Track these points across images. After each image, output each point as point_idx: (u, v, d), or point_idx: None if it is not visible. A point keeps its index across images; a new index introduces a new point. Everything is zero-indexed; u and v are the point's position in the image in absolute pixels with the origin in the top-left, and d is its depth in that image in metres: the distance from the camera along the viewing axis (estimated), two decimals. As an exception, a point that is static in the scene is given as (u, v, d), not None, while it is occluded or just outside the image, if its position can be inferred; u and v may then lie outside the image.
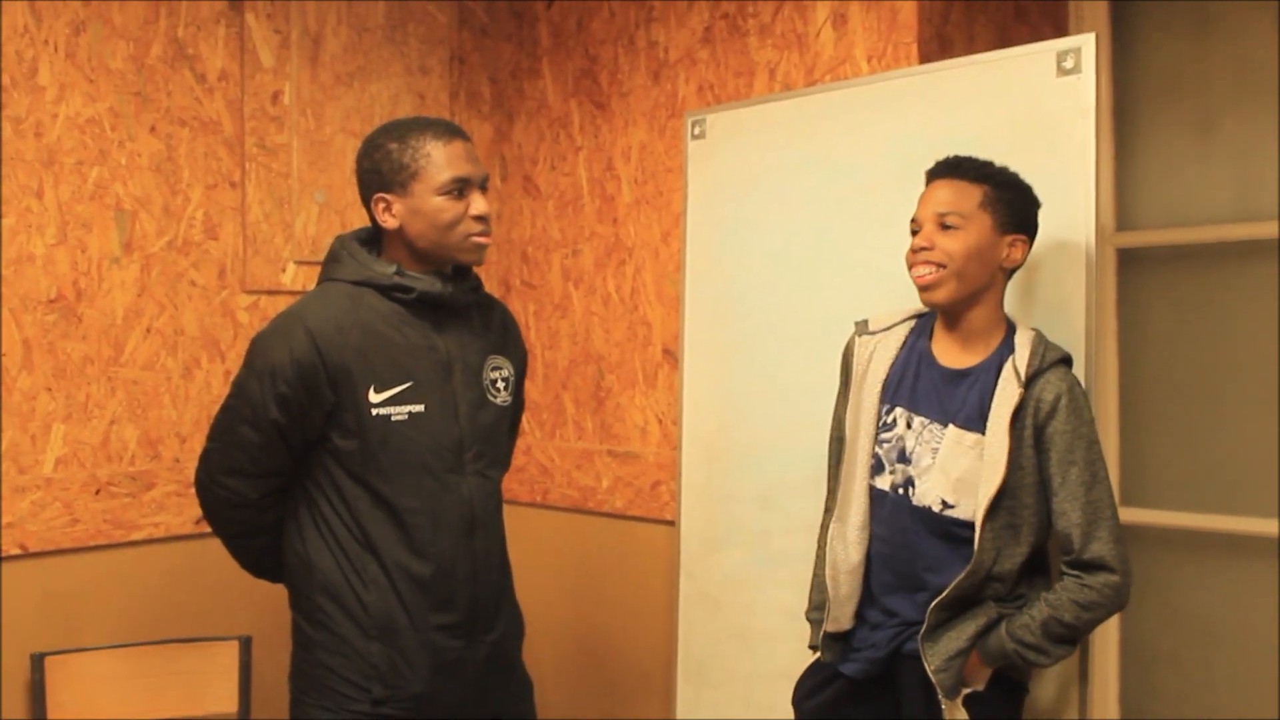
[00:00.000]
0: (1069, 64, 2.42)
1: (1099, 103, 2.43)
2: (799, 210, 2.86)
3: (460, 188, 2.31)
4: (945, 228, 2.19)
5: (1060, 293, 2.40)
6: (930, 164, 2.28)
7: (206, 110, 3.21)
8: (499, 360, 2.49)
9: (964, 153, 2.27)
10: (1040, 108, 2.46)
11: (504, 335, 2.56)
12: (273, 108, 3.32)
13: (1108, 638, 3.04)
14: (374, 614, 2.30)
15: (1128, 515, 3.01)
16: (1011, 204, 2.20)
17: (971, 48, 2.89)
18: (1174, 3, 3.00)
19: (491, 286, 3.83)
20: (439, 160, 2.30)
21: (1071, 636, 2.13)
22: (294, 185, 3.36)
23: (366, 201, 2.37)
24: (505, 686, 2.48)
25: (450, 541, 2.35)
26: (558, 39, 3.64)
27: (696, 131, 3.09)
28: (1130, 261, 3.06)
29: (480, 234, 2.35)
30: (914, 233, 2.24)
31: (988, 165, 2.23)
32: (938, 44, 2.85)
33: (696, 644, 3.06)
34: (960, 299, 2.20)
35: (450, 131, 2.35)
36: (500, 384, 2.47)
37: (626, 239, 3.46)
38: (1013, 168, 2.26)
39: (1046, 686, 2.40)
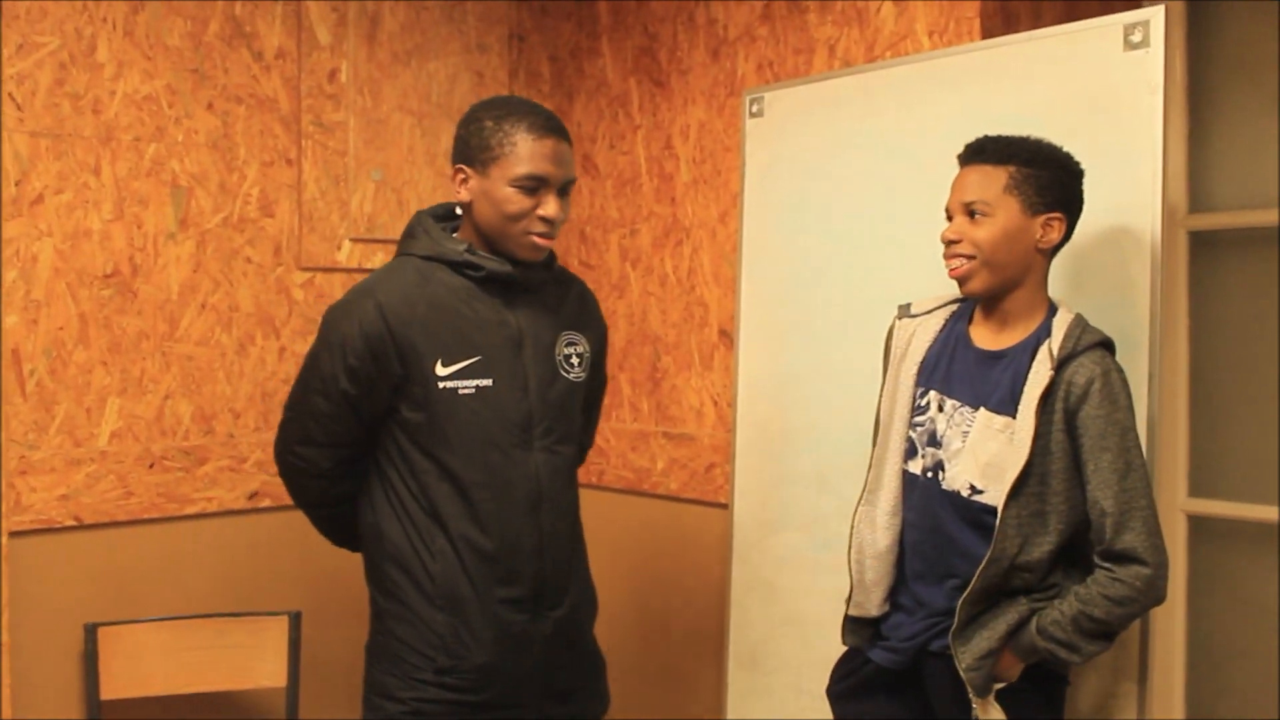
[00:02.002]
0: (1137, 38, 2.33)
1: (1170, 78, 2.35)
2: (858, 190, 2.80)
3: (536, 185, 2.29)
4: (973, 215, 2.12)
5: (1125, 277, 2.32)
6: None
7: (263, 88, 3.21)
8: (574, 335, 2.48)
9: (1027, 130, 2.19)
10: (1107, 83, 2.37)
11: (580, 311, 2.54)
12: (329, 85, 3.32)
13: (1173, 633, 2.95)
14: (440, 584, 2.32)
15: (1198, 506, 2.92)
16: (1041, 181, 2.11)
17: (1037, 22, 2.80)
18: (1252, -24, 2.89)
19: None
20: (523, 153, 2.28)
21: (1104, 632, 2.05)
22: (350, 163, 3.35)
23: (453, 168, 2.38)
24: (573, 663, 2.48)
25: (515, 516, 2.35)
26: (617, 17, 3.60)
27: (755, 110, 3.04)
28: (1203, 245, 2.95)
29: (541, 234, 2.32)
30: (949, 221, 2.18)
31: (1014, 143, 2.15)
32: (1001, 19, 2.77)
33: (750, 629, 3.01)
34: (995, 286, 2.14)
35: (547, 128, 2.31)
36: (575, 359, 2.46)
37: (684, 219, 3.42)
38: (1075, 145, 2.19)
39: (1098, 680, 2.32)
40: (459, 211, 2.42)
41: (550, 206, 2.30)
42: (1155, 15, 2.31)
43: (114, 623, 2.92)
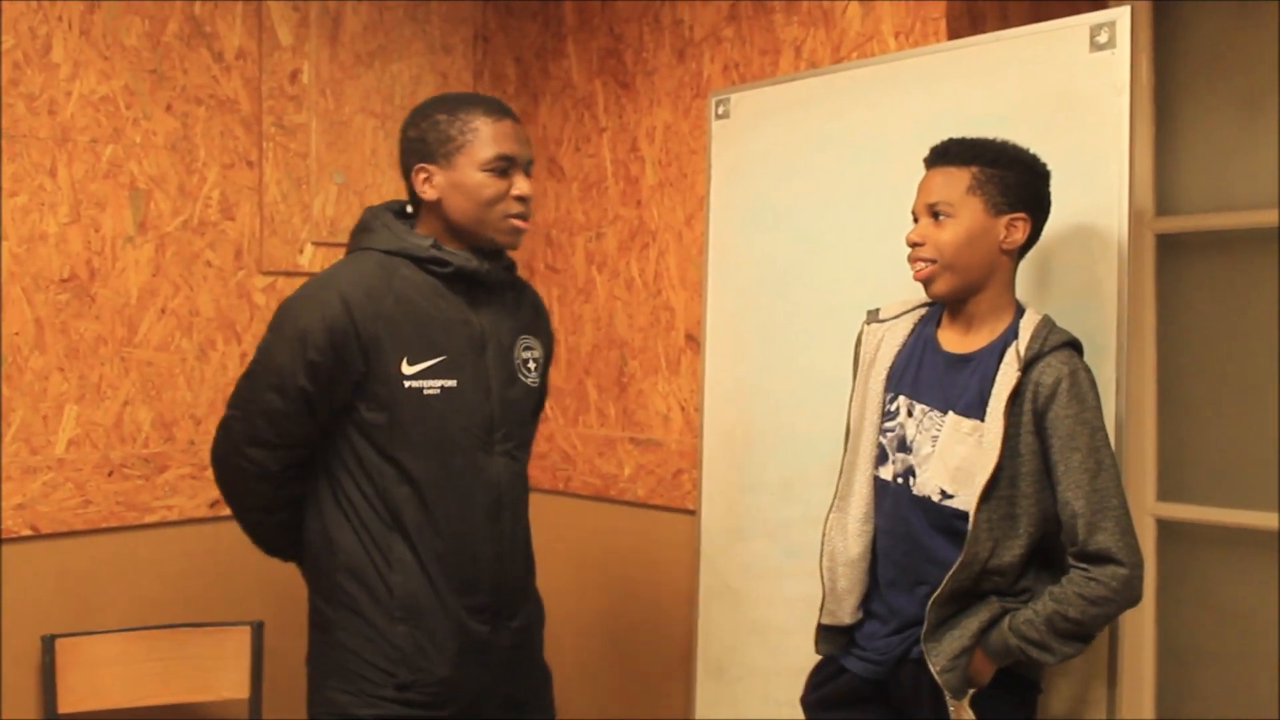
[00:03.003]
0: (1103, 39, 2.32)
1: (1137, 80, 2.34)
2: (825, 192, 2.78)
3: (505, 166, 2.27)
4: (937, 216, 2.11)
5: (1091, 279, 2.31)
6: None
7: (223, 89, 3.16)
8: (530, 340, 2.45)
9: (994, 131, 2.18)
10: (1073, 85, 2.36)
11: (535, 317, 2.52)
12: (291, 87, 3.27)
13: (1143, 636, 2.94)
14: (399, 595, 2.25)
15: (1166, 511, 2.92)
16: (1005, 181, 2.10)
17: (1004, 23, 2.79)
18: (1218, -23, 2.89)
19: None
20: (486, 136, 2.27)
21: (1079, 633, 2.03)
22: (312, 165, 3.31)
23: (407, 170, 2.32)
24: (528, 674, 2.44)
25: (477, 522, 2.30)
26: (582, 17, 3.57)
27: (720, 111, 3.01)
28: (1171, 248, 2.95)
29: (518, 215, 2.30)
30: (915, 224, 2.18)
31: (978, 144, 2.14)
32: (968, 20, 2.76)
33: (716, 637, 2.99)
34: (959, 289, 2.14)
35: (501, 110, 2.32)
36: (531, 364, 2.43)
37: (650, 222, 3.39)
38: (1041, 147, 2.18)
39: (1069, 685, 2.31)
40: (409, 210, 2.38)
41: (523, 184, 2.30)
42: (1121, 16, 2.30)
43: (72, 634, 2.87)
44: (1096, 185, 2.30)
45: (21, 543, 2.86)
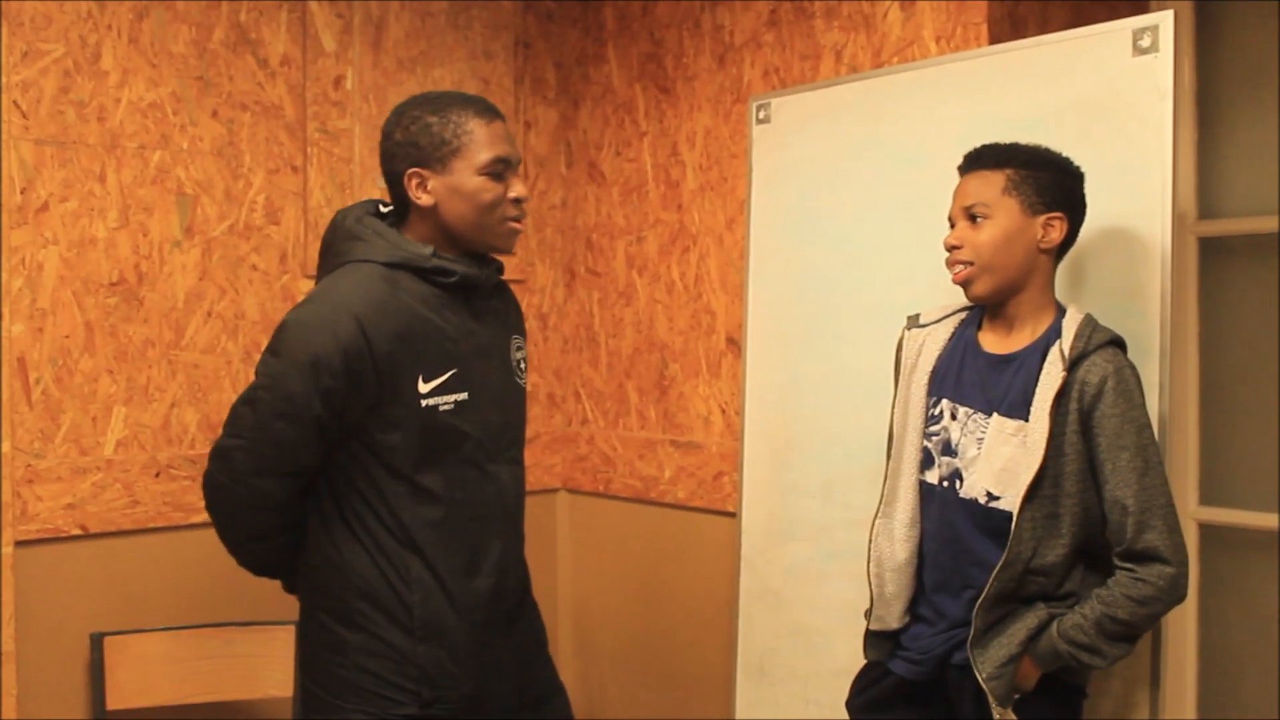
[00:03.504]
0: (1145, 42, 2.31)
1: (1179, 83, 2.34)
2: (865, 196, 2.78)
3: (501, 169, 2.21)
4: (974, 220, 2.12)
5: (1134, 283, 2.31)
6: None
7: (268, 95, 3.20)
8: (519, 339, 2.41)
9: (1035, 136, 2.19)
10: (1115, 89, 2.36)
11: (518, 316, 2.47)
12: (335, 93, 3.31)
13: (1185, 639, 2.93)
14: (420, 616, 2.19)
15: (1209, 515, 2.91)
16: (1040, 182, 2.11)
17: (1045, 28, 2.79)
18: (1262, -20, 2.88)
19: (556, 274, 3.80)
20: (482, 138, 2.19)
21: (1128, 634, 2.03)
22: (355, 170, 3.34)
23: (396, 175, 2.22)
24: (542, 669, 2.44)
25: (491, 533, 2.28)
26: (623, 23, 3.59)
27: (761, 116, 3.02)
28: (1213, 251, 2.94)
29: (515, 219, 2.25)
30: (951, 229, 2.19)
31: (1011, 148, 2.15)
32: (1009, 24, 2.76)
33: (757, 639, 3.00)
34: (998, 290, 2.14)
35: (491, 110, 2.24)
36: (522, 364, 2.40)
37: (691, 226, 3.41)
38: (1083, 151, 2.19)
39: (1112, 689, 2.30)
40: (383, 210, 2.30)
41: (519, 186, 2.23)
42: (1164, 20, 2.29)
43: (120, 632, 2.91)
44: (1139, 189, 2.29)
45: (71, 542, 2.90)
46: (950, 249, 2.17)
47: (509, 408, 2.34)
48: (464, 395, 2.22)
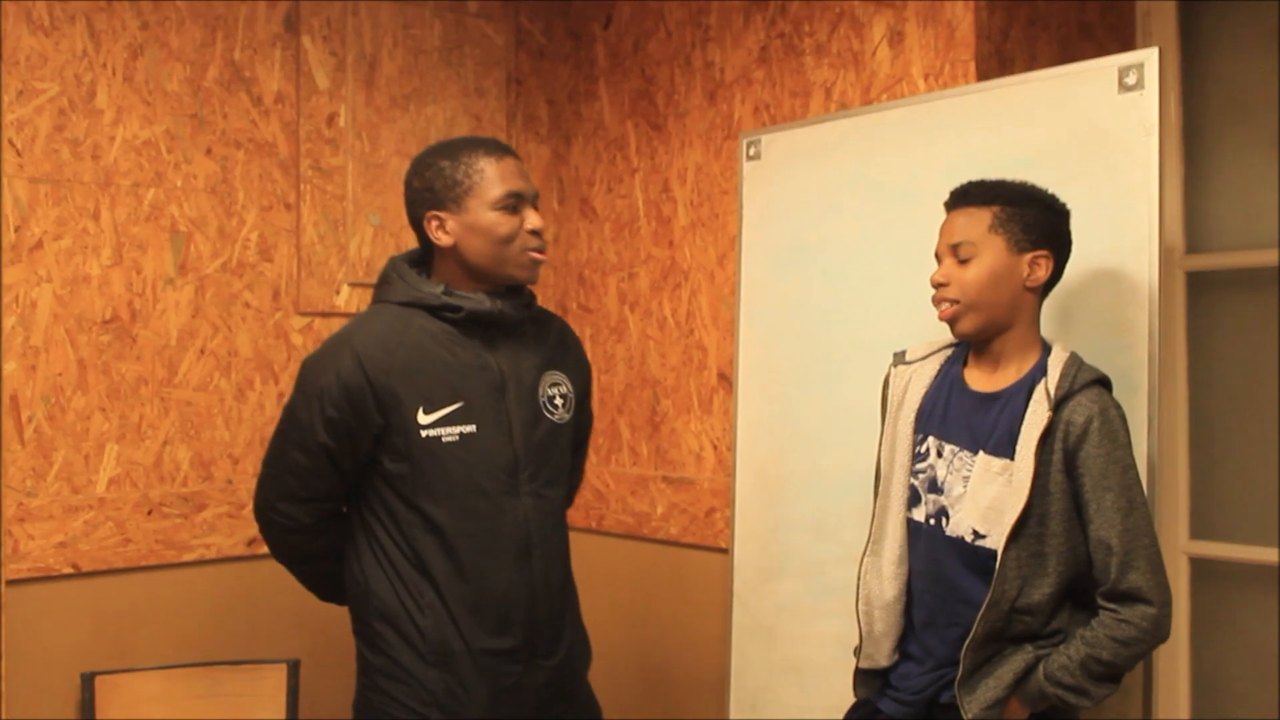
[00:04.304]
0: (1131, 80, 2.34)
1: (1166, 120, 2.36)
2: (855, 232, 2.80)
3: (514, 203, 2.31)
4: (961, 259, 2.13)
5: (1122, 317, 2.32)
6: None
7: (262, 132, 3.22)
8: (557, 376, 2.46)
9: (1023, 172, 2.20)
10: (1102, 125, 2.38)
11: (562, 350, 2.52)
12: (328, 130, 3.33)
13: (1177, 675, 2.93)
14: (430, 640, 2.28)
15: (1200, 549, 2.91)
16: (1026, 219, 2.12)
17: (1033, 65, 2.82)
18: (1246, 16, 2.90)
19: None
20: (492, 175, 2.31)
21: (1112, 674, 2.03)
22: (349, 207, 3.36)
23: (417, 220, 2.35)
24: (568, 712, 2.44)
25: (505, 565, 2.32)
26: (614, 60, 3.62)
27: (752, 152, 3.04)
28: (1201, 285, 2.96)
29: (536, 249, 2.34)
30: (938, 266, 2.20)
31: (997, 185, 2.16)
32: (997, 61, 2.78)
33: (750, 675, 2.99)
34: (984, 327, 2.14)
35: (501, 149, 2.36)
36: (559, 400, 2.44)
37: (682, 262, 3.42)
38: (1071, 187, 2.20)
39: (1105, 726, 2.30)
40: (433, 255, 2.40)
41: (534, 218, 2.33)
42: (1149, 57, 2.32)
43: (111, 671, 2.90)
44: (1126, 224, 2.31)
45: (63, 581, 2.90)
46: (936, 286, 2.18)
47: (531, 443, 2.37)
48: (471, 428, 2.30)
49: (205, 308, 3.12)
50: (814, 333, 2.89)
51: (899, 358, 2.36)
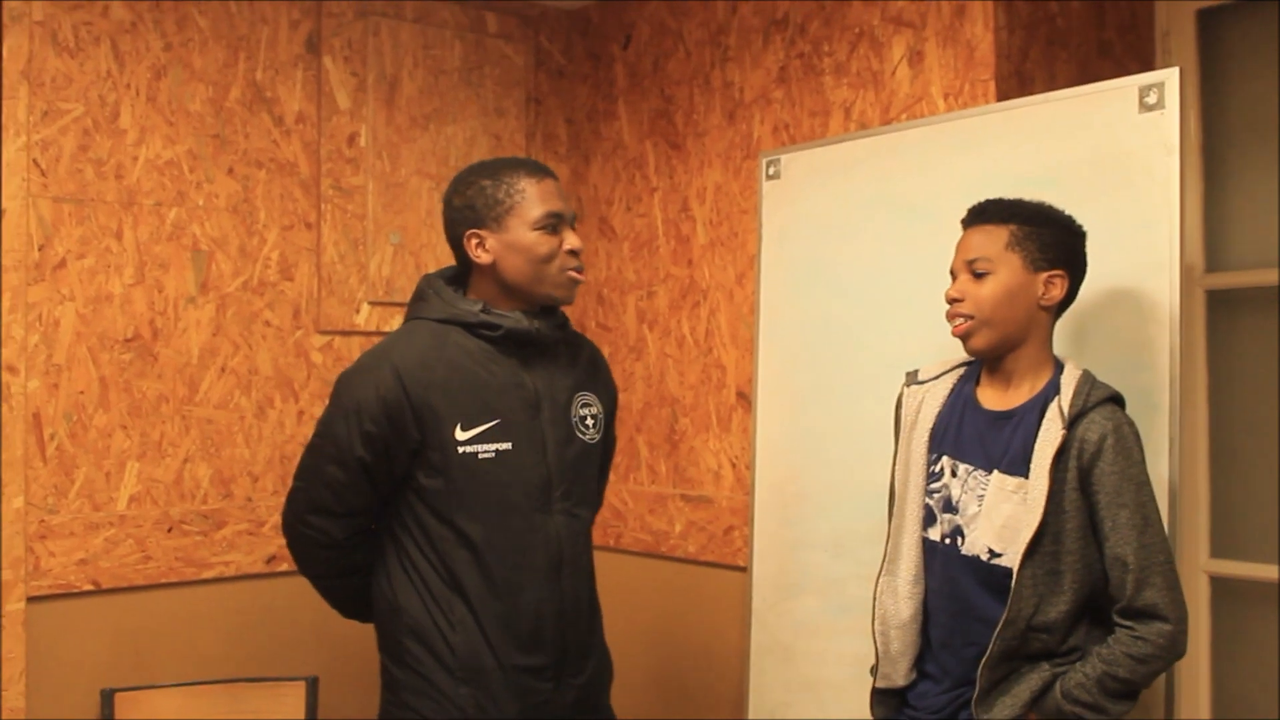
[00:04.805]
0: (1152, 99, 2.34)
1: (1186, 139, 2.36)
2: (875, 251, 2.80)
3: (554, 223, 2.33)
4: (977, 275, 2.14)
5: (1143, 336, 2.32)
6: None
7: (283, 152, 3.24)
8: (588, 397, 2.47)
9: (1043, 192, 2.20)
10: (1123, 145, 2.38)
11: (593, 372, 2.54)
12: (349, 150, 3.35)
13: (1199, 693, 2.92)
14: (461, 656, 2.28)
15: (1219, 567, 2.90)
16: (1043, 238, 2.12)
17: (1052, 85, 2.82)
18: (1265, 35, 2.91)
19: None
20: (533, 195, 2.32)
21: (1129, 691, 2.02)
22: (369, 227, 3.37)
23: (457, 239, 2.37)
24: None
25: (537, 582, 2.32)
26: (633, 79, 3.63)
27: (771, 172, 3.05)
28: (1221, 304, 2.95)
29: (575, 269, 2.36)
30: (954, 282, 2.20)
31: (1015, 204, 2.16)
32: (1017, 81, 2.79)
33: (768, 693, 2.98)
34: (997, 344, 2.14)
35: (541, 169, 2.38)
36: (590, 421, 2.45)
37: (701, 281, 3.43)
38: (1091, 207, 2.20)
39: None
40: (462, 274, 2.42)
41: (573, 238, 2.35)
42: (1170, 77, 2.32)
43: (132, 688, 2.91)
44: (1146, 243, 2.31)
45: (83, 598, 2.91)
46: (951, 301, 2.18)
47: (565, 461, 2.38)
48: (507, 445, 2.31)
49: (226, 326, 3.13)
50: (833, 351, 2.89)
51: (911, 377, 2.37)
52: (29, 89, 2.85)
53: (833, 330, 2.89)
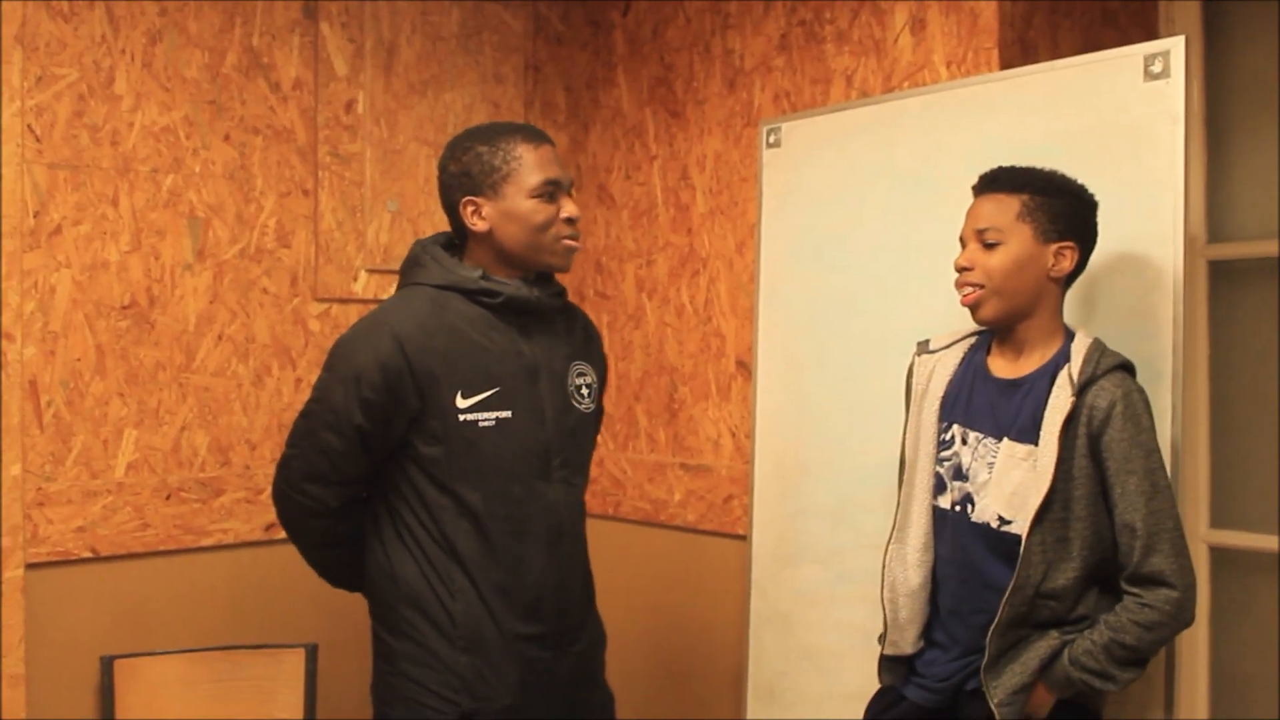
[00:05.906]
0: (1157, 68, 2.32)
1: (1189, 108, 2.34)
2: (876, 220, 2.79)
3: (552, 191, 2.31)
4: (987, 245, 2.13)
5: (1146, 306, 2.31)
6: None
7: (280, 119, 3.22)
8: (583, 367, 2.47)
9: (1046, 161, 2.19)
10: (1127, 114, 2.36)
11: (587, 342, 2.54)
12: (346, 116, 3.32)
13: (1197, 663, 2.93)
14: (461, 625, 2.27)
15: (1220, 538, 2.90)
16: (1054, 209, 2.11)
17: (1056, 53, 2.80)
18: (1268, 6, 2.88)
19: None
20: (530, 163, 2.30)
21: (1137, 659, 2.03)
22: (366, 194, 3.35)
23: (452, 205, 2.34)
24: (591, 698, 2.46)
25: (537, 550, 2.32)
26: (633, 46, 3.61)
27: (772, 140, 3.03)
28: (1223, 274, 2.94)
29: (570, 237, 2.34)
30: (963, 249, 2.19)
31: (1028, 172, 2.15)
32: (1020, 49, 2.77)
33: (767, 662, 2.99)
34: (1006, 314, 2.14)
35: (539, 136, 2.35)
36: (585, 390, 2.45)
37: (701, 249, 3.41)
38: (1095, 176, 2.19)
39: (1126, 714, 2.30)
40: (457, 241, 2.41)
41: (571, 206, 2.33)
42: (1175, 46, 2.30)
43: (130, 655, 2.91)
44: (1150, 213, 2.30)
45: (81, 565, 2.90)
46: (960, 270, 2.17)
47: (563, 430, 2.37)
48: (507, 413, 2.29)
49: (223, 294, 3.12)
50: (833, 320, 2.88)
51: (922, 347, 2.36)
52: (23, 54, 2.82)
53: (833, 299, 2.88)
